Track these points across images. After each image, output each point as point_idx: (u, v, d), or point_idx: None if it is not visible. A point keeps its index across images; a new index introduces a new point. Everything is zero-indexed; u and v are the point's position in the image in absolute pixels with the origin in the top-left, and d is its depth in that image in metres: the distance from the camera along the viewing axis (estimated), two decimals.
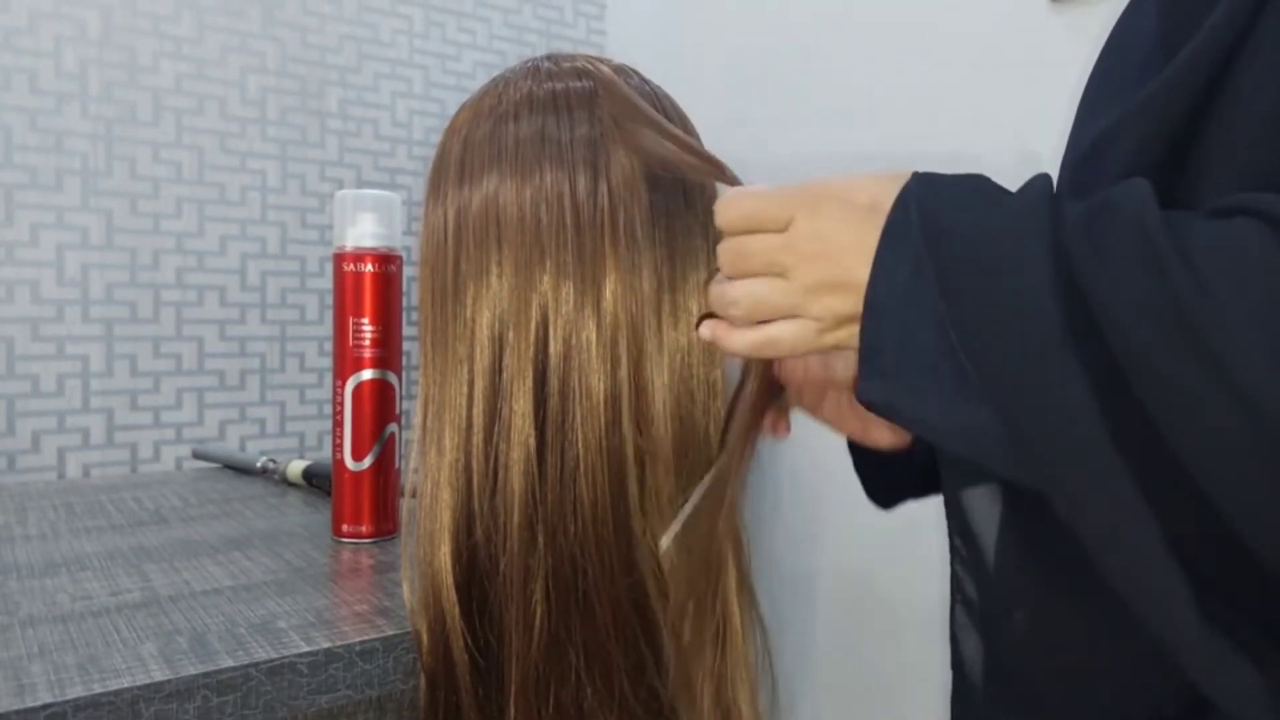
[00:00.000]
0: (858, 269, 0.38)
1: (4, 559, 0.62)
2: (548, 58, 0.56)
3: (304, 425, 1.14)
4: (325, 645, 0.48)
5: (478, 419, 0.50)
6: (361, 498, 0.68)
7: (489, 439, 0.50)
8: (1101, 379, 0.30)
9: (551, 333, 0.50)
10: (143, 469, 1.04)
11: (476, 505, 0.50)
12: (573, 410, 0.49)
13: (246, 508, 0.81)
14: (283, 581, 0.59)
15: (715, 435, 0.54)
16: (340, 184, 1.16)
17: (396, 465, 0.69)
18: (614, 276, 0.50)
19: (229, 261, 1.09)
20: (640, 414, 0.51)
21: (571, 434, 0.49)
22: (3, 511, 0.77)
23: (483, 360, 0.51)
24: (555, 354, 0.50)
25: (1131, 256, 0.30)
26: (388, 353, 0.67)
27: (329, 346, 1.14)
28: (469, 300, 0.51)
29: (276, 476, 0.92)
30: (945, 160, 0.39)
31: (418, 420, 0.53)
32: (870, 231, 0.37)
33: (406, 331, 0.67)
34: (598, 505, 0.49)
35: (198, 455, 1.03)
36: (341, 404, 0.67)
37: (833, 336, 0.41)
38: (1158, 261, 0.29)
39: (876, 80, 1.01)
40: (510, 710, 0.48)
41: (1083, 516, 0.32)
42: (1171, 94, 0.35)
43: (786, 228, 0.41)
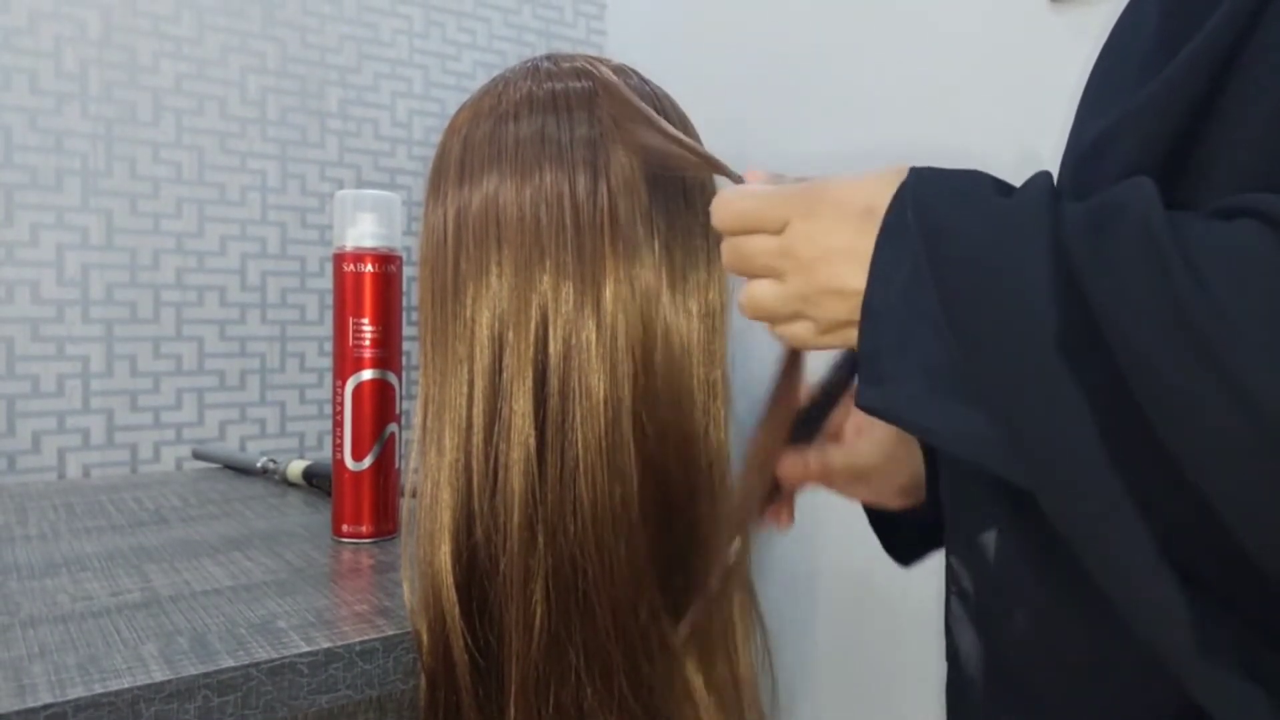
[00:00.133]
0: (851, 275, 0.38)
1: (4, 559, 0.62)
2: (548, 58, 0.56)
3: (304, 425, 1.14)
4: (325, 645, 0.48)
5: (478, 419, 0.50)
6: (361, 498, 0.68)
7: (489, 439, 0.50)
8: (1099, 383, 0.30)
9: (551, 333, 0.50)
10: (143, 469, 1.04)
11: (476, 505, 0.50)
12: (573, 410, 0.49)
13: (247, 508, 0.81)
14: (283, 582, 0.59)
15: (715, 435, 0.54)
16: (340, 184, 1.16)
17: (396, 465, 0.69)
18: (614, 277, 0.50)
19: (229, 261, 1.09)
20: (640, 414, 0.51)
21: (571, 434, 0.49)
22: (3, 512, 0.77)
23: (483, 360, 0.51)
24: (555, 354, 0.50)
25: (1134, 256, 0.30)
26: (388, 353, 0.67)
27: (329, 346, 1.14)
28: (469, 300, 0.51)
29: (277, 477, 0.92)
30: (945, 160, 0.39)
31: (418, 420, 0.53)
32: (865, 236, 0.37)
33: (406, 331, 0.67)
34: (598, 505, 0.49)
35: (198, 455, 1.03)
36: (341, 404, 0.67)
37: (831, 339, 0.41)
38: (1161, 261, 0.29)
39: (876, 80, 1.01)
40: (510, 710, 0.48)
41: (1074, 526, 0.32)
42: (1172, 94, 0.35)
43: (782, 229, 0.41)
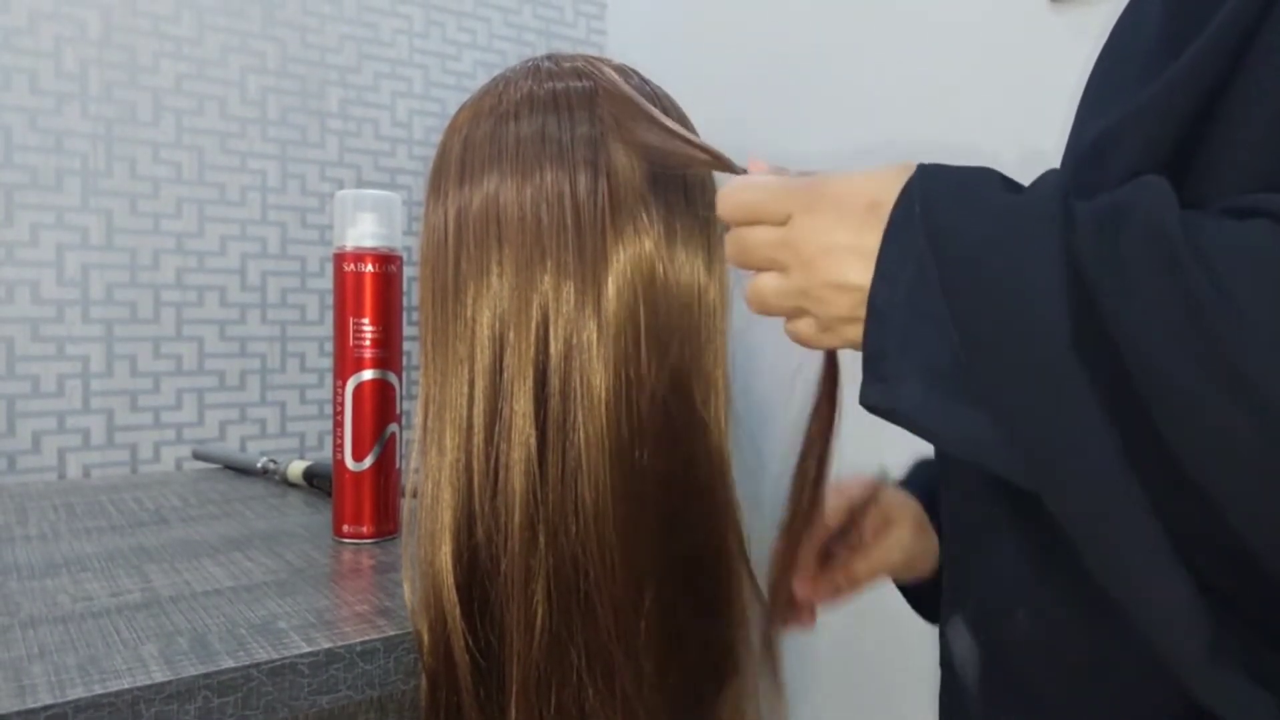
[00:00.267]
0: (852, 271, 0.38)
1: (4, 559, 0.62)
2: (548, 57, 0.56)
3: (304, 425, 1.14)
4: (326, 646, 0.48)
5: (478, 419, 0.50)
6: (362, 498, 0.68)
7: (490, 439, 0.50)
8: (1108, 384, 0.30)
9: (552, 332, 0.50)
10: (143, 469, 1.04)
11: (477, 505, 0.50)
12: (574, 410, 0.49)
13: (247, 508, 0.81)
14: (283, 582, 0.58)
15: (716, 433, 0.54)
16: (340, 184, 1.16)
17: (397, 465, 0.69)
18: (614, 276, 0.50)
19: (229, 262, 1.09)
20: (641, 413, 0.51)
21: (573, 434, 0.49)
22: (3, 512, 0.77)
23: (483, 360, 0.51)
24: (556, 354, 0.50)
25: (1144, 255, 0.30)
26: (388, 353, 0.67)
27: (329, 347, 1.14)
28: (469, 300, 0.51)
29: (277, 477, 0.92)
30: (945, 160, 0.39)
31: (418, 420, 0.53)
32: (868, 232, 0.37)
33: (407, 331, 0.67)
34: (599, 505, 0.49)
35: (198, 456, 1.03)
36: (342, 404, 0.67)
37: (832, 337, 0.41)
38: (1172, 260, 0.29)
39: (876, 80, 1.01)
40: (511, 710, 0.48)
41: (1081, 527, 0.32)
42: (1175, 95, 0.35)
43: (785, 222, 0.41)
